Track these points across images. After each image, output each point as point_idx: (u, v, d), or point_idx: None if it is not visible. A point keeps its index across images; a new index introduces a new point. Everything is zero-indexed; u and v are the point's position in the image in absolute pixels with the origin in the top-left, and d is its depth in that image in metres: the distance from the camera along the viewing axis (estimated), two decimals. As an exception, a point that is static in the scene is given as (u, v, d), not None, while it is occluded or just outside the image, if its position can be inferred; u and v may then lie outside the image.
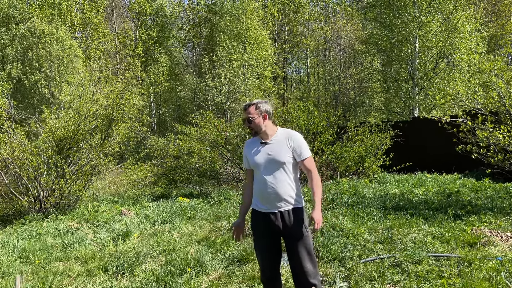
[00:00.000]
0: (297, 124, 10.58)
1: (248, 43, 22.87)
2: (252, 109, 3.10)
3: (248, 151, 3.18)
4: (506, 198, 7.15)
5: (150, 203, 8.88)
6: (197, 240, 5.72)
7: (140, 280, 4.32)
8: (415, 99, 16.26)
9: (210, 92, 20.37)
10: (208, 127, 10.52)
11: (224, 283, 4.18)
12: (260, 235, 3.13)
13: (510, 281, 3.78)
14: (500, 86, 6.51)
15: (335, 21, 27.23)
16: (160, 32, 27.80)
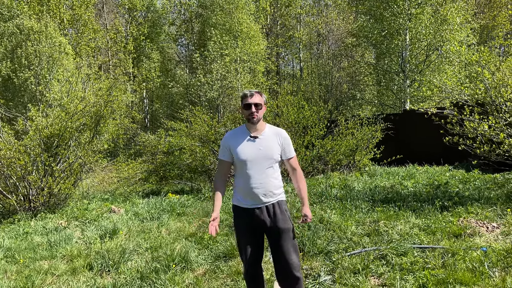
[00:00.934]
0: (287, 118, 10.58)
1: (240, 38, 22.76)
2: (259, 96, 3.03)
3: (233, 143, 3.06)
4: (494, 189, 7.18)
5: (140, 200, 8.85)
6: (184, 236, 5.70)
7: (125, 277, 4.30)
8: (406, 91, 16.28)
9: (202, 88, 20.29)
10: (198, 122, 10.49)
11: (209, 278, 4.17)
12: (245, 231, 3.07)
13: (493, 271, 3.80)
14: (486, 77, 6.52)
15: (327, 15, 27.17)
16: (152, 28, 27.61)
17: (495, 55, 17.71)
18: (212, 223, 2.95)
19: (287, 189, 8.47)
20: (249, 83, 22.14)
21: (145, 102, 28.02)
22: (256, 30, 23.56)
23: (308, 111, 10.63)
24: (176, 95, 25.69)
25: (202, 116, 10.15)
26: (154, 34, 27.73)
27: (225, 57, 20.86)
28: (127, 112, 19.18)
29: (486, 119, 6.48)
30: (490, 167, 8.98)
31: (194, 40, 28.50)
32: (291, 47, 32.20)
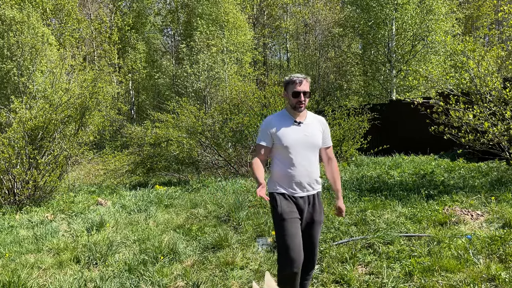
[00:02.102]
0: (274, 109, 10.57)
1: (227, 28, 22.57)
2: (307, 83, 2.92)
3: (277, 127, 2.91)
4: (478, 178, 7.29)
5: (128, 192, 8.79)
6: (172, 228, 5.68)
7: (113, 269, 4.28)
8: (393, 81, 16.38)
9: (189, 79, 20.12)
10: (185, 114, 10.42)
11: (197, 269, 4.17)
12: (292, 220, 2.86)
13: (477, 258, 3.87)
14: (471, 67, 6.58)
15: (314, 5, 27.09)
16: (137, 18, 27.22)
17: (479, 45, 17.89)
18: (260, 189, 2.67)
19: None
20: (236, 73, 22.03)
21: (131, 94, 27.71)
22: (243, 20, 23.39)
23: (295, 101, 10.62)
24: (162, 86, 25.45)
25: (189, 108, 10.09)
26: (140, 24, 27.36)
27: (211, 47, 20.68)
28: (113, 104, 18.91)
29: (471, 108, 6.55)
30: (475, 156, 9.11)
31: (180, 30, 28.22)
32: (278, 37, 32.09)
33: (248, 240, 4.93)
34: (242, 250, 4.62)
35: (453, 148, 10.43)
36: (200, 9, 22.92)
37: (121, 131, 13.18)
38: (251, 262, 4.27)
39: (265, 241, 4.90)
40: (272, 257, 4.33)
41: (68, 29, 22.70)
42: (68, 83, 9.18)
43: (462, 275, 3.56)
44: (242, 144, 11.57)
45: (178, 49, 25.00)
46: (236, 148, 11.91)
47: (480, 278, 3.47)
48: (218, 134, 10.76)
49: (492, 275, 3.49)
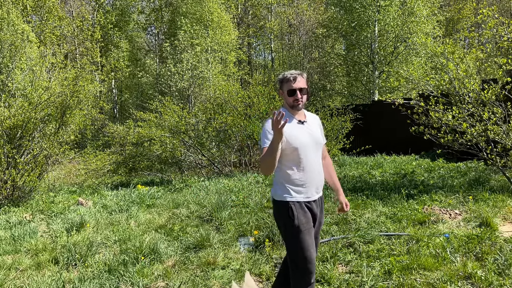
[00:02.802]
0: (258, 109, 10.58)
1: (211, 27, 22.51)
2: (303, 79, 2.74)
3: (286, 129, 2.66)
4: (457, 177, 7.44)
5: (109, 192, 8.69)
6: (154, 228, 5.64)
7: (92, 270, 4.22)
8: (375, 82, 16.57)
9: (173, 78, 20.00)
10: (168, 113, 10.35)
11: (178, 270, 4.15)
12: (308, 231, 2.67)
13: (455, 257, 3.94)
14: (450, 69, 6.69)
15: (298, 5, 27.21)
16: (120, 16, 26.92)
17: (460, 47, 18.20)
18: (274, 118, 2.26)
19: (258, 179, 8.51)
20: (220, 73, 21.99)
21: (114, 92, 27.40)
22: (227, 19, 23.37)
23: (279, 101, 10.67)
24: (145, 85, 25.24)
25: (172, 107, 10.03)
26: (123, 22, 27.07)
27: (195, 46, 20.60)
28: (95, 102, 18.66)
29: (450, 109, 6.67)
30: (454, 156, 9.28)
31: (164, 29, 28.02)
32: (262, 37, 32.13)
33: (230, 240, 4.93)
34: (224, 250, 4.61)
35: (433, 148, 10.61)
36: (184, 8, 22.81)
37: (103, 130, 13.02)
38: (233, 262, 4.27)
39: (247, 240, 4.90)
40: (253, 257, 4.34)
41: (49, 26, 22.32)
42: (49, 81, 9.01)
43: (440, 273, 3.62)
44: (226, 144, 11.56)
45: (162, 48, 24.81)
46: (220, 148, 11.88)
47: (457, 276, 3.54)
48: (202, 133, 10.72)
49: (468, 273, 3.56)
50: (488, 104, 6.38)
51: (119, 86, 28.33)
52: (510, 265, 3.63)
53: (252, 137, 10.50)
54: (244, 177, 9.03)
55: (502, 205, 5.42)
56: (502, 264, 3.65)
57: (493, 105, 6.38)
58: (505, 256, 3.77)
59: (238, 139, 10.96)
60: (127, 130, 11.02)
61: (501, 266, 3.63)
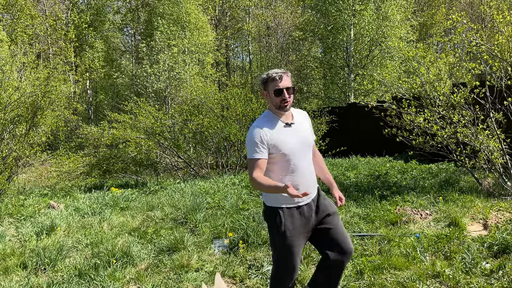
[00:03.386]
0: (235, 110, 10.58)
1: (188, 28, 22.39)
2: (288, 77, 2.61)
3: (271, 135, 2.55)
4: (428, 178, 7.61)
5: (82, 194, 8.52)
6: (127, 231, 5.56)
7: (62, 275, 4.13)
8: (351, 85, 16.80)
9: (149, 79, 19.80)
10: (143, 114, 10.24)
11: (151, 273, 4.10)
12: (301, 239, 2.63)
13: (424, 256, 4.03)
14: (422, 73, 6.85)
15: (276, 8, 27.37)
16: (95, 15, 26.47)
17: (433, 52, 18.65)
18: (291, 189, 2.25)
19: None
20: (197, 74, 21.89)
21: (89, 93, 26.90)
22: (205, 21, 23.30)
23: (255, 103, 10.69)
24: (121, 86, 24.90)
25: (147, 108, 9.92)
26: (98, 22, 26.64)
27: (172, 47, 20.45)
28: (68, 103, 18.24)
29: (422, 112, 6.83)
30: (426, 157, 9.48)
31: (140, 29, 27.70)
32: (240, 39, 32.18)
33: (204, 242, 4.90)
34: (198, 252, 4.58)
35: (406, 150, 10.81)
36: (161, 8, 22.62)
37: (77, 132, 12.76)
38: (207, 264, 4.25)
39: (222, 242, 4.89)
40: (228, 259, 4.33)
41: (21, 25, 21.75)
42: (19, 81, 8.77)
43: (410, 272, 3.70)
44: (202, 146, 11.51)
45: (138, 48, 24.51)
46: (197, 149, 11.82)
47: (426, 275, 3.62)
48: (178, 135, 10.65)
49: (437, 272, 3.64)
50: (458, 107, 6.56)
51: (94, 87, 27.85)
52: (477, 263, 3.73)
53: (228, 139, 10.49)
54: (221, 179, 9.01)
55: (470, 205, 5.57)
56: (469, 263, 3.75)
57: (462, 108, 6.56)
58: (472, 255, 3.87)
59: (214, 141, 10.93)
60: (101, 132, 10.84)
61: (468, 264, 3.72)
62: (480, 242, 4.25)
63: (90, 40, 25.89)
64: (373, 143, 12.32)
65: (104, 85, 27.44)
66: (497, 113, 6.35)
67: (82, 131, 11.07)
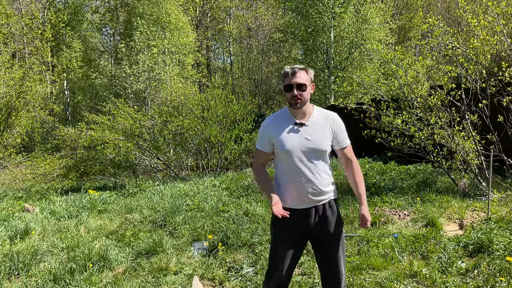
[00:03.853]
0: (215, 112, 10.54)
1: (168, 29, 22.18)
2: (304, 74, 2.48)
3: (275, 131, 2.54)
4: (407, 179, 7.72)
5: (58, 197, 8.34)
6: (105, 234, 5.46)
7: (36, 280, 4.02)
8: (331, 87, 16.93)
9: (128, 79, 19.54)
10: (122, 116, 10.10)
11: (129, 277, 4.03)
12: (286, 238, 2.56)
13: (402, 256, 4.07)
14: (400, 75, 6.95)
15: (257, 9, 27.41)
16: (72, 15, 25.97)
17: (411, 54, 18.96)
18: (275, 207, 2.37)
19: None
20: (177, 75, 21.71)
21: (66, 94, 26.38)
22: (185, 21, 23.13)
23: (236, 105, 10.67)
24: (100, 87, 24.50)
25: (126, 109, 9.78)
26: (76, 21, 26.14)
27: (152, 48, 20.23)
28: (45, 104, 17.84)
29: (400, 114, 6.92)
30: (404, 159, 9.62)
31: (119, 29, 27.33)
32: (221, 40, 32.09)
33: (184, 245, 4.85)
34: (177, 255, 4.53)
35: (385, 151, 10.95)
36: (140, 8, 22.34)
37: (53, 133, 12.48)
38: (186, 267, 4.20)
39: (201, 245, 4.84)
40: (207, 261, 4.29)
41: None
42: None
43: (388, 272, 3.73)
44: (182, 147, 11.41)
45: (117, 48, 24.18)
46: (176, 151, 11.71)
47: (404, 275, 3.66)
48: (158, 137, 10.53)
49: (414, 271, 3.69)
50: (435, 109, 6.68)
51: (72, 88, 27.33)
52: (452, 263, 3.79)
53: (209, 140, 10.44)
54: (201, 180, 8.95)
55: (447, 205, 5.67)
56: (445, 262, 3.81)
57: (439, 110, 6.68)
58: (448, 255, 3.94)
59: (195, 142, 10.85)
60: (78, 133, 10.63)
61: (444, 264, 3.78)
62: (456, 241, 4.33)
63: (68, 40, 25.38)
64: (353, 144, 12.39)
65: (82, 86, 26.94)
66: (473, 115, 6.48)
67: (59, 133, 10.84)
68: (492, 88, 6.40)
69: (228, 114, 10.50)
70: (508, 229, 4.43)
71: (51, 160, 10.38)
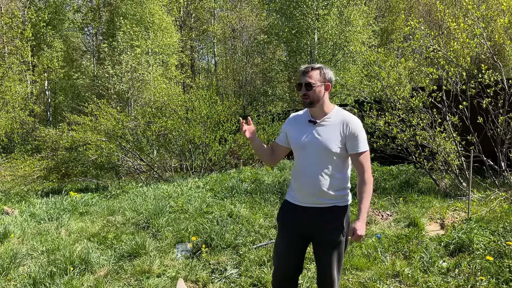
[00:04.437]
0: (199, 113, 10.48)
1: (152, 29, 22.00)
2: (316, 73, 2.49)
3: (291, 127, 2.63)
4: (389, 180, 7.80)
5: (39, 199, 8.18)
6: (86, 237, 5.37)
7: (15, 284, 3.93)
8: (315, 88, 17.02)
9: (111, 80, 19.29)
10: (104, 116, 9.97)
11: (111, 280, 3.97)
12: (287, 231, 2.60)
13: (385, 256, 4.11)
14: (383, 77, 7.02)
15: (241, 10, 27.41)
16: (54, 14, 25.50)
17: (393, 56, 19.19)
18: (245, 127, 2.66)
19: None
20: (161, 76, 21.54)
21: (47, 94, 25.90)
22: (169, 22, 22.98)
23: (220, 106, 10.64)
24: (82, 87, 24.13)
25: (108, 110, 9.65)
26: (57, 21, 25.68)
27: (135, 48, 20.03)
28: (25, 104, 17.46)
29: (383, 115, 7.00)
30: (387, 159, 9.73)
31: (102, 29, 26.99)
32: (205, 41, 31.97)
33: (167, 247, 4.80)
34: (160, 257, 4.49)
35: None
36: (123, 8, 22.10)
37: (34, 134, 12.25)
38: (169, 269, 4.16)
39: (185, 247, 4.80)
40: (191, 263, 4.26)
41: (-27, 22, 20.68)
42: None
43: (371, 272, 3.76)
44: (166, 148, 11.32)
45: (99, 48, 23.87)
46: (160, 152, 11.62)
47: (386, 275, 3.69)
48: (141, 138, 10.42)
49: (397, 271, 3.72)
50: (417, 110, 6.77)
51: (53, 88, 26.84)
52: (434, 262, 3.84)
53: (193, 141, 10.37)
54: (185, 182, 8.89)
55: (428, 205, 5.75)
56: (427, 262, 3.85)
57: (421, 112, 6.78)
58: (430, 254, 3.99)
59: (179, 144, 10.78)
60: (60, 134, 10.45)
61: (426, 263, 3.83)
62: (438, 241, 4.39)
63: (49, 39, 24.91)
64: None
65: (63, 86, 26.48)
66: (453, 117, 6.59)
67: (40, 134, 10.64)
68: (472, 90, 6.52)
69: (212, 115, 10.46)
70: (488, 228, 4.51)
71: (31, 161, 10.18)
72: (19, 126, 10.08)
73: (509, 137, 6.49)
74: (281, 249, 2.62)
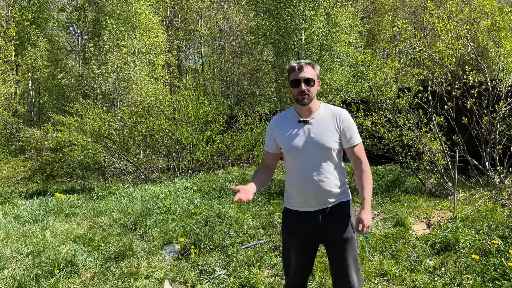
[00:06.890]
0: (187, 113, 10.43)
1: (138, 29, 21.82)
2: (310, 68, 2.39)
3: (279, 131, 2.47)
4: (376, 180, 7.87)
5: (23, 201, 8.04)
6: (72, 239, 5.30)
7: (0, 287, 3.86)
8: (302, 89, 17.07)
9: (97, 80, 19.08)
10: (90, 117, 9.85)
11: (98, 282, 3.92)
12: (293, 239, 2.50)
13: (372, 256, 4.14)
14: (370, 77, 7.08)
15: (228, 10, 27.37)
16: (38, 13, 25.13)
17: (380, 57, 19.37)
18: (237, 195, 2.23)
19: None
20: (148, 76, 21.39)
21: (31, 94, 25.50)
22: (156, 21, 22.83)
23: (208, 106, 10.60)
24: (67, 87, 23.81)
25: (94, 110, 9.54)
26: (41, 20, 25.31)
27: (121, 48, 19.84)
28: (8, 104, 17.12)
29: (370, 115, 7.06)
30: (374, 159, 9.82)
31: (87, 29, 26.70)
32: (192, 41, 31.84)
33: (155, 248, 4.77)
34: (148, 258, 4.45)
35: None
36: (109, 7, 21.89)
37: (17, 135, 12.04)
38: (157, 271, 4.13)
39: (173, 248, 4.77)
40: (179, 265, 4.23)
41: (-45, 20, 20.26)
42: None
43: (359, 272, 3.78)
44: (153, 149, 11.23)
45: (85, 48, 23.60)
46: (147, 153, 11.52)
47: (374, 274, 3.71)
48: (127, 138, 10.32)
49: (384, 270, 3.75)
50: (403, 111, 6.84)
51: (37, 88, 26.43)
52: (421, 261, 3.88)
53: (180, 142, 10.32)
54: (172, 183, 8.84)
55: (415, 205, 5.81)
56: (414, 261, 3.89)
57: (407, 112, 6.85)
58: (416, 253, 4.03)
59: (166, 144, 10.71)
60: (44, 135, 10.29)
61: (413, 262, 3.87)
62: (424, 240, 4.44)
63: (33, 39, 24.53)
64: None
65: (48, 86, 26.10)
66: (439, 117, 6.68)
67: (24, 134, 10.46)
68: (457, 90, 6.62)
69: (199, 116, 10.42)
70: (473, 227, 4.58)
71: (15, 162, 10.00)
72: (3, 127, 9.89)
73: (493, 137, 6.60)
74: (295, 260, 2.50)
